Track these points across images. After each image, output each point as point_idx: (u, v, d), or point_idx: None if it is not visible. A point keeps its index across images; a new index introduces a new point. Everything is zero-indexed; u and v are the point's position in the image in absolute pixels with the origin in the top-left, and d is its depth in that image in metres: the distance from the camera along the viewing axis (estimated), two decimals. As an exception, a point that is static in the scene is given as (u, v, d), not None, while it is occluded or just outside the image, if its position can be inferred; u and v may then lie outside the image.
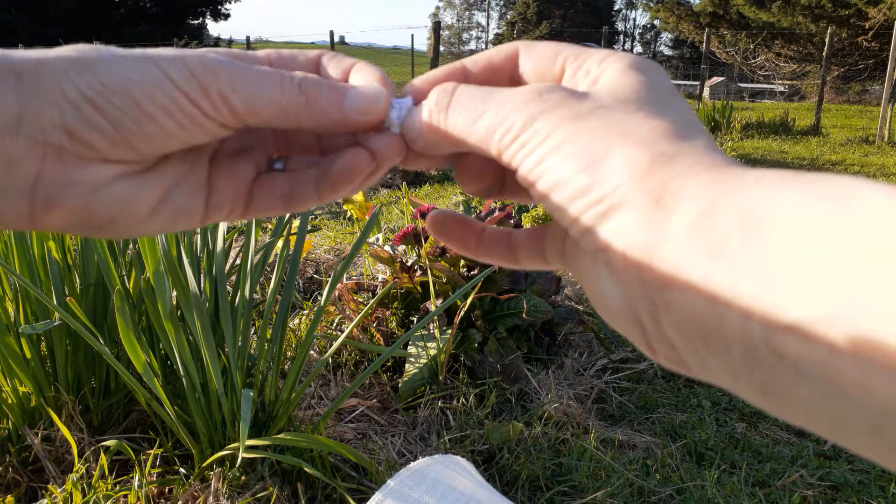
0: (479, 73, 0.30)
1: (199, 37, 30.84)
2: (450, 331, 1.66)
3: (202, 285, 1.23)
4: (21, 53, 0.24)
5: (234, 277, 1.44)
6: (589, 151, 0.22)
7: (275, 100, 0.26)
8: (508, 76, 0.29)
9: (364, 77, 0.29)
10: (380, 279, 2.09)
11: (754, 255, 0.17)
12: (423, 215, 1.92)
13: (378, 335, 1.85)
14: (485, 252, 0.31)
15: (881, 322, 0.15)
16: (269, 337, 1.31)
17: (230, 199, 0.29)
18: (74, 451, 1.20)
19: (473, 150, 0.26)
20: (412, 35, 19.66)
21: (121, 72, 0.24)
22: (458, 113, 0.26)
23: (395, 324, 1.87)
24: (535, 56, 0.28)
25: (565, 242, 0.27)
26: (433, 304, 1.74)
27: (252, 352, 1.32)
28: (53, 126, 0.23)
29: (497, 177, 0.30)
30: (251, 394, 1.07)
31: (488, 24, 70.90)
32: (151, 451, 1.22)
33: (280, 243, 1.40)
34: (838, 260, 0.16)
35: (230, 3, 30.81)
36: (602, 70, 0.26)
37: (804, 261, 0.16)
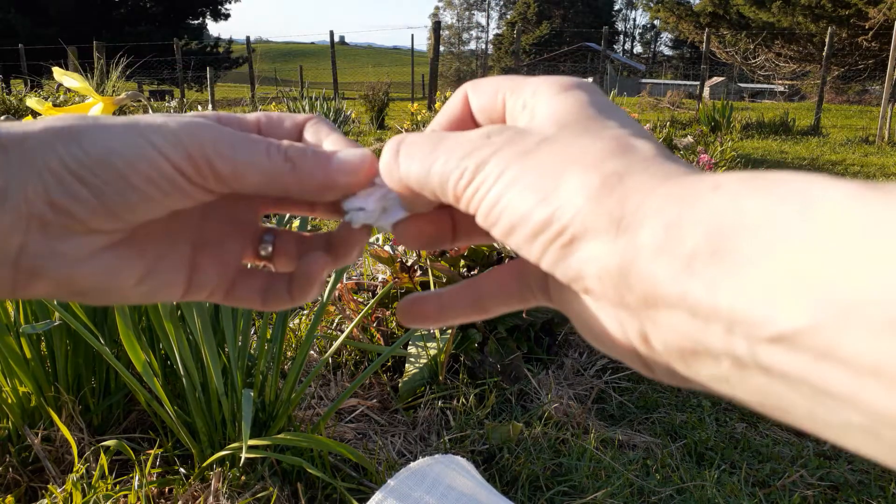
0: (444, 125, 0.30)
1: (199, 37, 30.83)
2: (450, 331, 1.66)
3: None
4: (8, 126, 0.25)
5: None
6: (542, 183, 0.22)
7: (261, 166, 0.26)
8: (471, 119, 0.30)
9: (339, 145, 0.29)
10: (380, 279, 2.09)
11: (724, 269, 0.17)
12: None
13: (378, 335, 1.85)
14: (449, 315, 0.30)
15: (862, 329, 0.14)
16: (269, 337, 1.31)
17: (213, 282, 0.30)
18: (74, 451, 1.20)
19: (427, 198, 0.26)
20: (412, 35, 19.68)
21: (104, 142, 0.24)
22: (411, 162, 0.25)
23: (395, 324, 1.87)
24: (480, 94, 0.29)
25: (548, 277, 0.26)
26: (433, 304, 1.74)
27: (252, 352, 1.32)
28: (37, 198, 0.24)
29: (445, 225, 0.30)
30: (251, 394, 1.07)
31: (488, 24, 70.90)
32: (151, 451, 1.22)
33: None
34: (811, 265, 0.15)
35: (230, 3, 30.82)
36: (536, 100, 0.26)
37: (775, 271, 0.16)
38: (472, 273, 1.83)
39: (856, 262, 0.15)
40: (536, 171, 0.22)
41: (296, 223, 1.40)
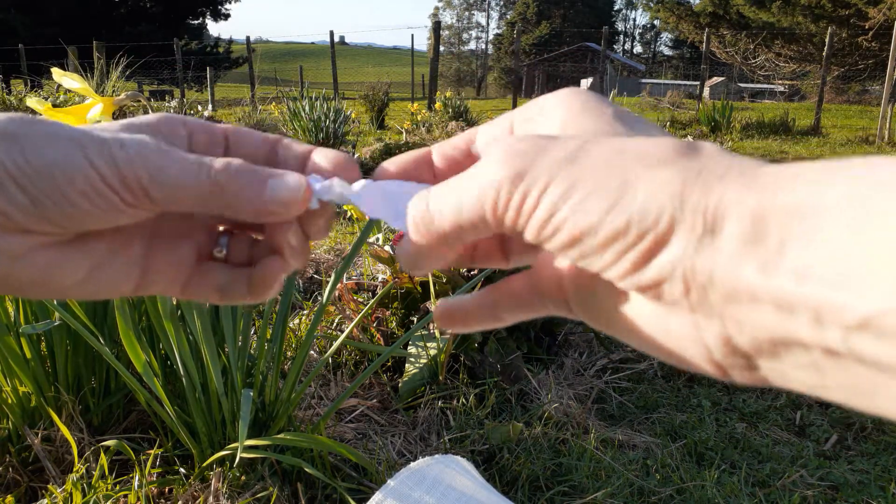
0: (445, 154, 0.29)
1: (199, 37, 30.84)
2: (450, 331, 1.66)
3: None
4: None
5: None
6: (608, 189, 0.20)
7: (192, 189, 0.26)
8: (470, 157, 0.29)
9: (324, 158, 0.29)
10: (380, 279, 2.09)
11: (812, 257, 0.17)
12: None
13: (378, 335, 1.85)
14: (472, 321, 0.30)
15: None
16: (269, 337, 1.31)
17: (165, 280, 0.30)
18: (74, 451, 1.20)
19: (466, 233, 0.24)
20: (412, 35, 19.68)
21: (46, 153, 0.24)
22: (440, 204, 0.24)
23: (395, 324, 1.87)
24: (491, 126, 0.29)
25: (568, 289, 0.25)
26: (433, 304, 1.74)
27: (252, 352, 1.32)
28: None
29: (467, 247, 0.29)
30: (251, 394, 1.07)
31: (488, 24, 70.91)
32: (151, 451, 1.22)
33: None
34: (893, 249, 0.15)
35: (230, 3, 30.82)
36: (545, 111, 0.26)
37: (865, 254, 0.16)
38: (472, 273, 1.83)
39: None
40: (594, 176, 0.21)
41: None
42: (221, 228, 0.31)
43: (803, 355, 0.18)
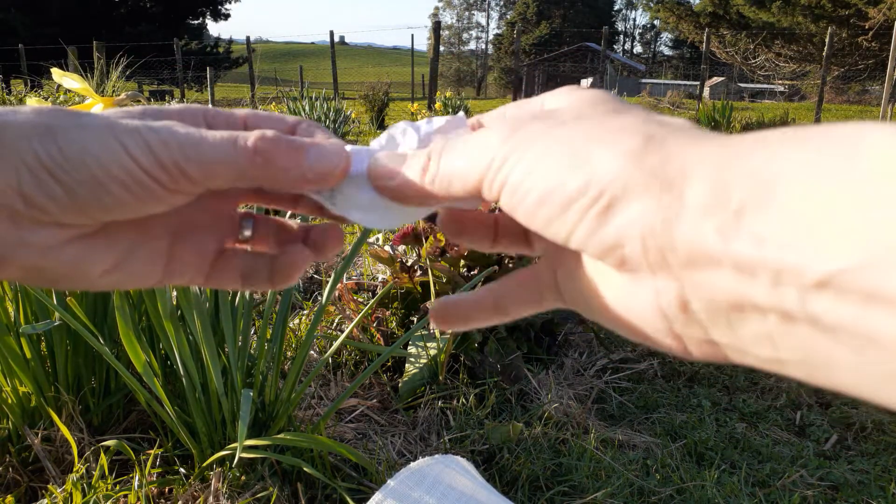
0: None
1: (199, 37, 30.84)
2: (450, 331, 1.66)
3: (202, 285, 1.23)
4: None
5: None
6: (575, 152, 0.21)
7: (229, 162, 0.26)
8: None
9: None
10: (380, 279, 2.09)
11: (774, 219, 0.17)
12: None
13: (378, 335, 1.85)
14: (474, 318, 0.31)
15: None
16: (269, 337, 1.31)
17: (191, 271, 0.30)
18: (74, 451, 1.20)
19: (454, 186, 0.25)
20: (412, 35, 19.67)
21: (80, 142, 0.24)
22: (454, 159, 0.25)
23: (395, 324, 1.87)
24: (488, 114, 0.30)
25: (556, 275, 0.26)
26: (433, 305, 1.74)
27: (252, 352, 1.32)
28: (10, 189, 0.24)
29: (488, 229, 0.30)
30: (251, 394, 1.07)
31: (488, 24, 70.91)
32: (151, 451, 1.22)
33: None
34: (858, 207, 0.15)
35: (230, 3, 30.82)
36: (551, 104, 0.27)
37: (825, 214, 0.16)
38: (472, 273, 1.83)
39: None
40: (568, 142, 0.22)
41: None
42: (243, 210, 0.32)
43: (759, 323, 0.18)
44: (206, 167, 0.26)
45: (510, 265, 1.82)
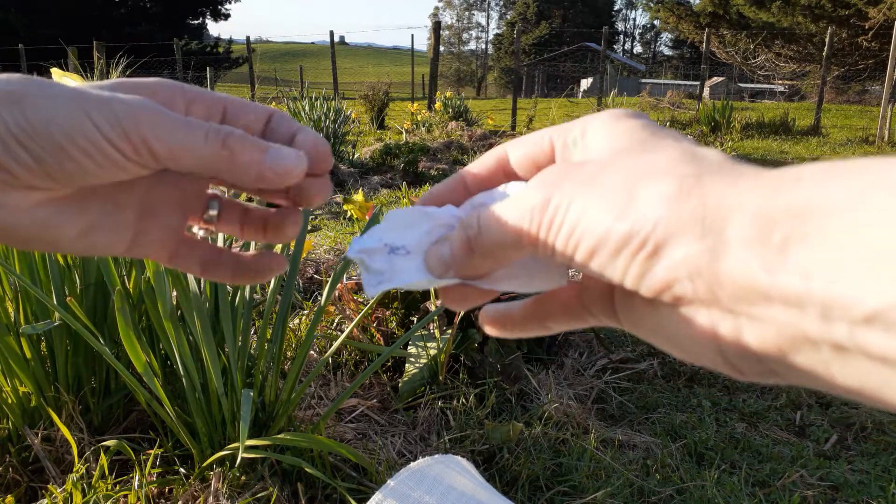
0: (479, 177, 0.31)
1: (199, 37, 30.84)
2: (450, 331, 1.66)
3: (202, 285, 1.23)
4: None
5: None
6: (615, 201, 0.22)
7: (197, 150, 0.27)
8: (504, 174, 0.31)
9: (305, 140, 0.31)
10: (380, 279, 2.08)
11: (817, 254, 0.17)
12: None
13: (378, 335, 1.85)
14: (521, 330, 0.32)
15: None
16: (269, 337, 1.31)
17: (156, 246, 0.32)
18: (74, 451, 1.20)
19: (507, 250, 0.26)
20: (412, 35, 19.66)
21: (46, 111, 0.25)
22: (489, 232, 0.26)
23: (395, 324, 1.87)
24: (522, 144, 0.30)
25: (613, 299, 0.27)
26: (433, 304, 1.74)
27: (252, 352, 1.32)
28: None
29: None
30: (251, 394, 1.07)
31: (488, 24, 70.90)
32: (151, 451, 1.22)
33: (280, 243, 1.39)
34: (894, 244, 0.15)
35: (230, 3, 30.81)
36: (588, 133, 0.27)
37: (868, 250, 0.16)
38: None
39: None
40: (607, 192, 0.22)
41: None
42: (210, 192, 0.34)
43: (812, 352, 0.19)
44: (174, 149, 0.27)
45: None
